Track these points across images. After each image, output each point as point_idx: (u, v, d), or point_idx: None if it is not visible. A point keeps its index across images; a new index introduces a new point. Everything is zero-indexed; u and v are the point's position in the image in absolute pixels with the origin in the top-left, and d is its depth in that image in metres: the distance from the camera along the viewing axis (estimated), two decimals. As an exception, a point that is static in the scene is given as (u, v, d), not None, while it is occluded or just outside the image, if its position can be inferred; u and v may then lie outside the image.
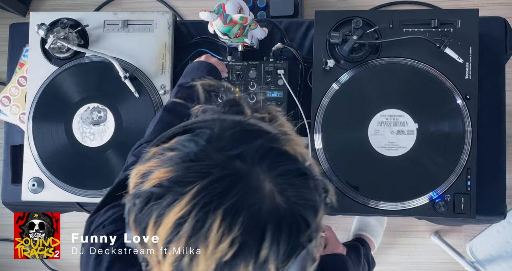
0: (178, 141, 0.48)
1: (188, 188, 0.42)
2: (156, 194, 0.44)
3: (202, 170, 0.43)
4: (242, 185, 0.43)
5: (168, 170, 0.44)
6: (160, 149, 0.48)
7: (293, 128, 0.54)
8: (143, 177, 0.47)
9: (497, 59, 1.05)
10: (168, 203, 0.43)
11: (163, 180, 0.44)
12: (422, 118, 0.97)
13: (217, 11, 0.95)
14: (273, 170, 0.45)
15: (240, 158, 0.44)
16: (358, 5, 1.74)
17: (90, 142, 1.07)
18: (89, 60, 1.09)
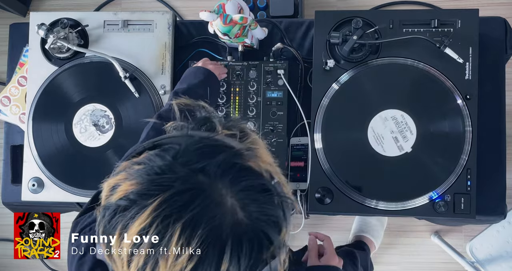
0: (146, 155, 0.49)
1: (151, 200, 0.43)
2: (122, 206, 0.45)
3: (165, 183, 0.44)
4: (203, 199, 0.43)
5: (134, 182, 0.45)
6: (129, 163, 0.49)
7: (266, 147, 0.55)
8: (112, 190, 0.48)
9: (497, 59, 1.05)
10: (132, 215, 0.44)
11: (128, 193, 0.45)
12: (422, 118, 0.97)
13: (217, 11, 0.95)
14: (235, 185, 0.45)
15: (203, 172, 0.45)
16: (358, 5, 1.74)
17: (90, 142, 1.07)
18: (89, 60, 1.09)
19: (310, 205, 0.99)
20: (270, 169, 0.50)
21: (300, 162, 1.03)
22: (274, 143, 1.03)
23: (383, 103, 0.98)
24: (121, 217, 0.45)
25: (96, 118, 1.08)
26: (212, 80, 0.99)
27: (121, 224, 0.45)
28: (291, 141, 1.05)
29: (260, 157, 0.50)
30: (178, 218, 0.42)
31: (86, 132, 1.08)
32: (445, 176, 0.96)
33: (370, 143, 0.98)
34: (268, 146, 1.03)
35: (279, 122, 1.04)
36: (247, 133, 0.54)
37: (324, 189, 0.98)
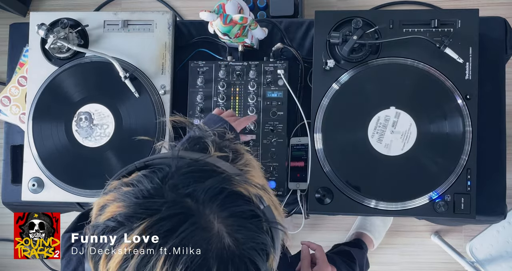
0: (136, 176, 0.49)
1: (137, 224, 0.43)
2: (110, 227, 0.45)
3: (152, 207, 0.44)
4: (190, 224, 0.43)
5: (122, 205, 0.45)
6: (118, 183, 0.49)
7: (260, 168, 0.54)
8: (101, 209, 0.48)
9: (497, 59, 1.05)
10: (118, 237, 0.44)
11: (116, 214, 0.45)
12: (422, 118, 0.97)
13: (217, 11, 0.95)
14: (223, 210, 0.45)
15: (191, 196, 0.45)
16: (358, 5, 1.74)
17: (90, 142, 1.07)
18: (89, 60, 1.09)
19: (310, 205, 0.99)
20: (261, 193, 0.49)
21: (300, 162, 1.03)
22: (274, 143, 1.03)
23: (383, 103, 0.98)
24: (108, 239, 0.45)
25: (96, 118, 1.08)
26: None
27: (108, 245, 0.45)
28: (291, 141, 1.05)
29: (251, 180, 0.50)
30: (163, 243, 0.42)
31: (86, 132, 1.08)
32: (445, 176, 0.96)
33: (370, 142, 0.98)
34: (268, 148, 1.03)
35: (279, 122, 1.04)
36: (240, 153, 0.54)
37: (324, 189, 0.98)
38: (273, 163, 1.03)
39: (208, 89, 1.07)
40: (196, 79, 1.07)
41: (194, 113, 1.06)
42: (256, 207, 0.47)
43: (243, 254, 0.44)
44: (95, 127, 1.07)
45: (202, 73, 1.07)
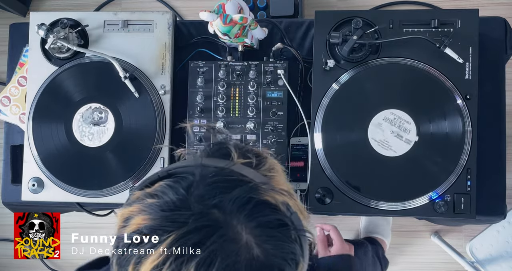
0: (159, 186, 0.48)
1: (164, 237, 0.42)
2: (136, 240, 0.44)
3: (179, 219, 0.43)
4: (218, 236, 0.42)
5: (147, 217, 0.45)
6: (142, 194, 0.48)
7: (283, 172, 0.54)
8: (125, 221, 0.47)
9: (497, 59, 1.05)
10: (144, 251, 0.43)
11: (141, 227, 0.45)
12: (422, 118, 0.97)
13: (217, 11, 0.95)
14: (251, 221, 0.44)
15: (218, 208, 0.44)
16: (358, 5, 1.74)
17: (90, 142, 1.07)
18: (89, 60, 1.09)
19: (310, 205, 0.99)
20: (287, 200, 0.48)
21: (300, 162, 1.03)
22: (274, 143, 1.03)
23: (383, 103, 0.98)
24: (134, 251, 0.44)
25: (96, 118, 1.08)
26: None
27: (134, 258, 0.44)
28: (291, 141, 1.05)
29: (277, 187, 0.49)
30: (192, 256, 0.41)
31: (86, 132, 1.08)
32: (445, 176, 0.96)
33: (370, 142, 0.98)
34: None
35: (279, 122, 1.04)
36: (264, 158, 0.53)
37: (324, 189, 0.98)
38: (273, 163, 1.03)
39: (208, 89, 1.07)
40: (196, 79, 1.07)
41: (194, 114, 1.06)
42: (283, 215, 0.46)
43: (272, 264, 0.44)
44: (95, 127, 1.07)
45: (202, 73, 1.07)
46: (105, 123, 1.07)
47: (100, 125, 1.07)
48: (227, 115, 1.06)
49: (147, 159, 1.05)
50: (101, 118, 1.08)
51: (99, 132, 1.07)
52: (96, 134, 1.07)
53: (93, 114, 1.08)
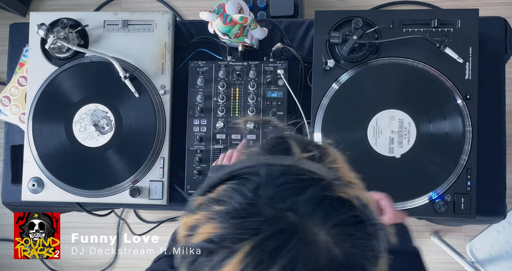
0: (223, 190, 0.45)
1: (239, 245, 0.40)
2: (206, 249, 0.42)
3: (252, 226, 0.41)
4: (296, 241, 0.40)
5: (216, 226, 0.42)
6: (205, 200, 0.46)
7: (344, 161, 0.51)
8: (191, 230, 0.45)
9: (497, 59, 1.05)
10: (219, 260, 0.41)
11: (212, 236, 0.42)
12: (422, 118, 0.97)
13: (217, 11, 0.95)
14: (327, 221, 0.42)
15: (291, 210, 0.42)
16: (358, 5, 1.74)
17: (90, 142, 1.07)
18: (89, 60, 1.09)
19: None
20: (358, 193, 0.46)
21: (300, 162, 1.03)
22: (274, 143, 1.03)
23: (383, 103, 0.98)
24: (206, 261, 0.42)
25: (96, 118, 1.08)
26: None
27: (208, 268, 0.42)
28: (291, 141, 1.05)
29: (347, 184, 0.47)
30: (272, 264, 0.39)
31: (86, 132, 1.08)
32: (445, 176, 0.96)
33: (370, 142, 0.98)
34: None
35: (279, 122, 1.04)
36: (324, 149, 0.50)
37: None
38: (273, 163, 1.03)
39: (208, 89, 1.07)
40: (196, 79, 1.07)
41: (194, 113, 1.06)
42: (358, 210, 0.44)
43: (352, 264, 0.42)
44: (95, 127, 1.07)
45: (202, 73, 1.07)
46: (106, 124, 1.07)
47: (100, 125, 1.07)
48: (227, 115, 1.06)
49: (147, 158, 1.05)
50: (103, 128, 1.08)
51: (99, 133, 1.07)
52: (96, 134, 1.07)
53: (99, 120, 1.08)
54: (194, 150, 1.06)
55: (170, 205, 1.09)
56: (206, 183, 0.49)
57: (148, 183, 1.06)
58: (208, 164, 1.05)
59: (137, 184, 1.06)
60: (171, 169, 1.08)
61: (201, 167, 1.05)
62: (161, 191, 1.06)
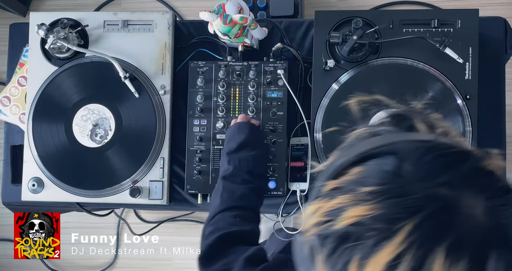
0: (364, 172, 0.44)
1: (398, 226, 0.39)
2: (355, 234, 0.40)
3: (410, 205, 0.39)
4: (457, 217, 0.39)
5: (369, 207, 0.40)
6: (342, 183, 0.44)
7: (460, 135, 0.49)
8: (329, 215, 0.43)
9: (497, 59, 1.05)
10: (374, 243, 0.39)
11: (364, 219, 0.40)
12: (422, 118, 0.97)
13: (217, 11, 0.95)
14: (481, 193, 0.41)
15: (447, 185, 0.40)
16: (358, 5, 1.74)
17: (90, 142, 1.07)
18: (89, 60, 1.09)
19: (310, 205, 0.98)
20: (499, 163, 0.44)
21: (300, 162, 1.03)
22: (274, 143, 1.03)
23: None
24: (357, 246, 0.40)
25: (96, 118, 1.08)
26: (257, 131, 0.98)
27: (359, 254, 0.40)
28: (291, 141, 1.05)
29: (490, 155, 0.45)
30: (437, 243, 0.38)
31: (86, 132, 1.08)
32: (445, 176, 0.95)
33: (370, 143, 0.98)
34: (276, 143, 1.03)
35: (279, 122, 1.04)
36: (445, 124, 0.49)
37: None
38: (273, 163, 1.03)
39: (208, 89, 1.07)
40: (196, 79, 1.07)
41: (194, 113, 1.06)
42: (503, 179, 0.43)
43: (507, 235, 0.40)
44: (95, 127, 1.07)
45: (202, 73, 1.07)
46: (106, 125, 1.07)
47: (100, 125, 1.07)
48: (227, 115, 1.06)
49: (147, 158, 1.05)
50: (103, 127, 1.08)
51: (103, 125, 1.07)
52: (96, 134, 1.07)
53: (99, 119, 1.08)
54: (194, 150, 1.06)
55: (170, 205, 1.09)
56: (333, 167, 0.47)
57: (148, 183, 1.06)
58: (208, 164, 1.05)
59: (137, 184, 1.06)
60: (171, 169, 1.08)
61: (201, 167, 1.05)
62: (161, 191, 1.06)
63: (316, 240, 0.44)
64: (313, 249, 0.45)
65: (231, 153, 0.92)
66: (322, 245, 0.43)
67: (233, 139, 0.95)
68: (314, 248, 0.44)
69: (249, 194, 0.87)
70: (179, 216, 1.75)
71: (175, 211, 1.65)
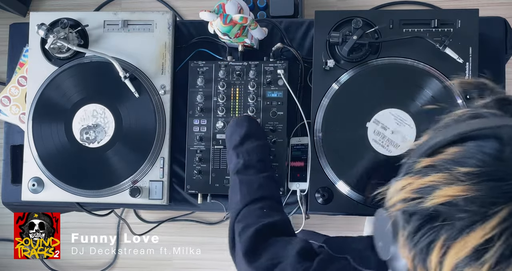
0: (463, 152, 0.43)
1: (494, 210, 0.38)
2: (444, 214, 0.40)
3: (509, 190, 0.39)
4: None
5: (464, 188, 0.40)
6: (437, 161, 0.44)
7: None
8: (419, 192, 0.43)
9: (497, 60, 1.05)
10: (464, 225, 0.39)
11: (456, 199, 0.40)
12: (422, 118, 0.97)
13: (217, 11, 0.95)
14: None
15: None
16: (358, 5, 1.74)
17: (90, 142, 1.07)
18: (89, 60, 1.09)
19: (310, 205, 0.99)
20: None
21: (300, 162, 1.03)
22: (274, 142, 1.03)
23: (383, 103, 0.98)
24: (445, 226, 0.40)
25: (96, 118, 1.08)
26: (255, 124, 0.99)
27: (446, 234, 0.40)
28: (291, 140, 1.05)
29: None
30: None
31: (87, 134, 1.08)
32: (445, 176, 0.95)
33: (370, 142, 0.98)
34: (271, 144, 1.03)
35: (279, 122, 1.04)
36: None
37: (324, 189, 0.98)
38: (273, 163, 1.03)
39: (208, 89, 1.07)
40: (196, 79, 1.07)
41: (194, 113, 1.06)
42: None
43: None
44: (95, 127, 1.07)
45: (202, 73, 1.07)
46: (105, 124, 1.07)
47: (100, 125, 1.07)
48: (227, 115, 1.06)
49: (147, 158, 1.05)
50: (103, 127, 1.08)
51: (99, 133, 1.07)
52: (96, 134, 1.07)
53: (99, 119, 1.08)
54: (194, 150, 1.06)
55: (170, 205, 1.09)
56: (427, 145, 0.46)
57: (148, 183, 1.06)
58: (208, 164, 1.05)
59: (137, 184, 1.06)
60: (171, 168, 1.08)
61: (201, 167, 1.05)
62: (161, 191, 1.06)
63: (401, 216, 0.43)
64: (396, 225, 0.44)
65: (236, 146, 0.91)
66: (407, 221, 0.42)
67: (235, 133, 0.94)
68: (398, 224, 0.43)
69: (266, 182, 0.86)
70: (179, 216, 1.75)
71: (175, 211, 1.65)
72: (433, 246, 0.40)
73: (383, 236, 0.49)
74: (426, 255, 0.41)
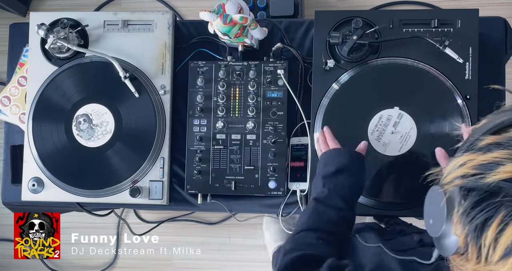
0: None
1: None
2: (506, 190, 0.40)
3: None
4: None
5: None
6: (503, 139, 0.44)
7: None
8: (481, 168, 0.43)
9: (497, 59, 1.05)
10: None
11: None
12: (422, 118, 0.97)
13: (217, 11, 0.95)
14: None
15: None
16: (358, 5, 1.74)
17: (90, 142, 1.07)
18: (89, 60, 1.09)
19: (310, 205, 0.98)
20: None
21: (300, 162, 1.03)
22: (274, 143, 1.03)
23: (383, 103, 0.98)
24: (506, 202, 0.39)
25: (96, 118, 1.08)
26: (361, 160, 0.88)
27: (505, 211, 0.39)
28: (291, 141, 1.05)
29: None
30: None
31: (88, 134, 1.08)
32: (445, 176, 0.95)
33: (370, 142, 0.98)
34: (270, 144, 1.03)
35: (279, 122, 1.04)
36: None
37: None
38: (273, 163, 1.03)
39: (208, 89, 1.07)
40: (196, 79, 1.07)
41: (194, 113, 1.06)
42: None
43: None
44: (95, 127, 1.07)
45: (202, 73, 1.07)
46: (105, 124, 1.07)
47: (100, 125, 1.08)
48: (227, 115, 1.06)
49: (147, 158, 1.05)
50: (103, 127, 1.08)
51: (99, 132, 1.07)
52: (96, 134, 1.07)
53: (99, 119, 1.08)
54: (194, 150, 1.06)
55: (170, 205, 1.09)
56: (492, 124, 0.47)
57: (148, 183, 1.06)
58: (208, 164, 1.05)
59: (137, 184, 1.06)
60: (171, 169, 1.08)
61: (201, 167, 1.05)
62: (161, 191, 1.06)
63: (457, 192, 0.43)
64: (451, 202, 0.44)
65: (327, 176, 0.85)
66: (464, 197, 0.42)
67: (332, 161, 0.87)
68: (454, 201, 0.43)
69: (337, 220, 0.83)
70: (179, 216, 1.75)
71: (175, 211, 1.65)
72: (490, 223, 0.40)
73: (435, 213, 0.48)
74: (480, 232, 0.41)
